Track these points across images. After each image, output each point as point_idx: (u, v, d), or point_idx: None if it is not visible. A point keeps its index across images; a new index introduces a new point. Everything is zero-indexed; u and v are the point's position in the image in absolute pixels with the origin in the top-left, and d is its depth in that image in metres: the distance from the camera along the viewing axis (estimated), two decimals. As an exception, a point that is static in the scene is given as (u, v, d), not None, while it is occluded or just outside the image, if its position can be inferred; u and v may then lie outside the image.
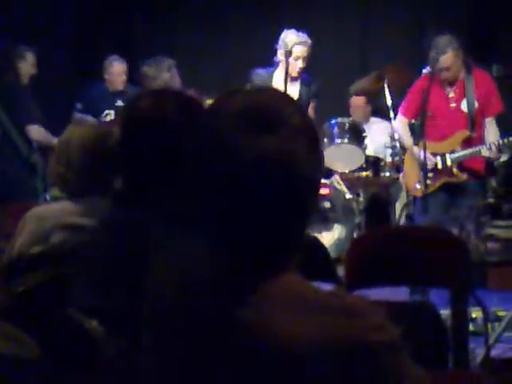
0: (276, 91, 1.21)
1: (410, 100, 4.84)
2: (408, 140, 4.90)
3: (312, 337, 1.03)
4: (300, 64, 4.87)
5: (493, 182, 5.38)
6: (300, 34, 4.90)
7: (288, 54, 4.80)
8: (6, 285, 1.73)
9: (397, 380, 1.05)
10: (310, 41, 4.93)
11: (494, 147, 4.52)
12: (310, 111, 5.05)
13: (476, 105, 4.62)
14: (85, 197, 2.30)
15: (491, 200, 5.25)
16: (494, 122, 4.69)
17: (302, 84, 4.98)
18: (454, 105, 4.68)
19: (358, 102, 6.28)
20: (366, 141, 5.69)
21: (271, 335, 1.05)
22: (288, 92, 4.78)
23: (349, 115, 6.04)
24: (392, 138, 5.31)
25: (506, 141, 4.51)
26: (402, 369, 1.06)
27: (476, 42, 6.33)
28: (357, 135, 5.46)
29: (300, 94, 4.95)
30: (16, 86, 5.21)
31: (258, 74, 4.88)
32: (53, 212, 2.31)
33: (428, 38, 4.80)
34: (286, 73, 4.83)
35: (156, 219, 1.69)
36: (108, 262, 1.71)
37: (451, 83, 4.67)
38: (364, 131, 5.75)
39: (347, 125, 5.48)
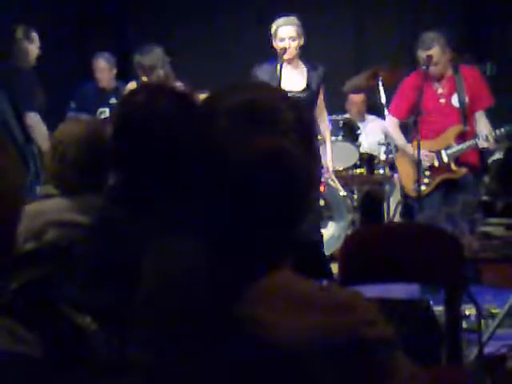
0: (269, 87, 1.20)
1: (400, 99, 4.82)
2: (400, 140, 4.86)
3: (306, 332, 1.04)
4: (287, 45, 4.48)
5: (486, 180, 5.40)
6: (287, 17, 4.59)
7: (275, 39, 4.53)
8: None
9: (389, 375, 1.06)
10: (297, 21, 4.56)
11: (490, 137, 4.55)
12: (321, 98, 4.72)
13: (467, 99, 4.63)
14: (79, 193, 2.29)
15: (485, 197, 5.27)
16: (484, 115, 4.71)
17: (309, 69, 4.61)
18: (443, 100, 4.68)
19: (356, 99, 6.29)
20: (361, 138, 5.70)
21: (266, 331, 1.05)
22: (292, 80, 4.55)
23: (344, 112, 6.05)
24: (386, 136, 5.32)
25: (502, 130, 4.54)
26: (395, 364, 1.07)
27: (470, 41, 6.36)
28: (351, 133, 5.47)
29: (309, 80, 4.58)
30: (22, 71, 4.96)
31: (262, 69, 4.57)
32: (47, 208, 2.30)
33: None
34: (275, 59, 4.64)
35: (150, 216, 1.68)
36: (102, 258, 1.71)
37: (439, 79, 4.68)
38: (358, 128, 5.76)
39: (341, 122, 5.49)
